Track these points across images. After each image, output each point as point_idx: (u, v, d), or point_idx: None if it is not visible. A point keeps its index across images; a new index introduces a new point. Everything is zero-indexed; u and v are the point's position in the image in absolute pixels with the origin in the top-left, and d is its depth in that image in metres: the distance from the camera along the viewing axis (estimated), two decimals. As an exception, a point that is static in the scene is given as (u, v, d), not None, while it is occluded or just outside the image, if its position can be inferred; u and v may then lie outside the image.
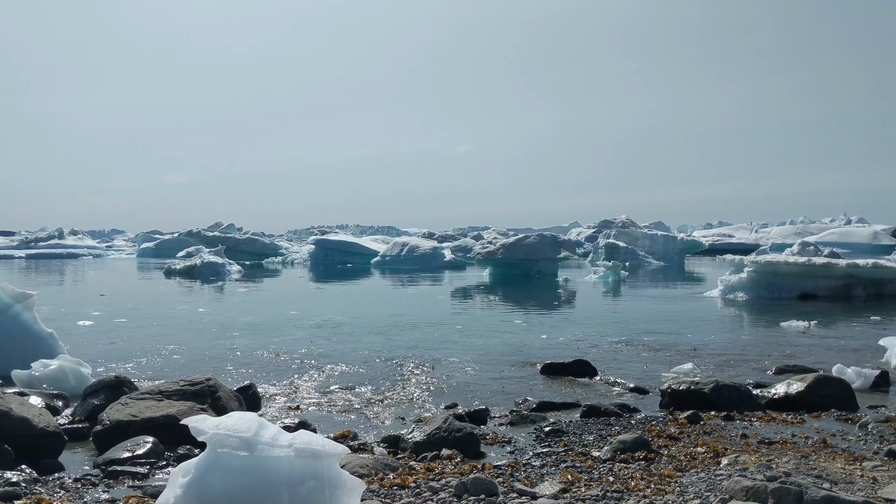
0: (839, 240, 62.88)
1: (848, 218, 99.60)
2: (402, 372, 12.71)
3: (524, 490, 6.00)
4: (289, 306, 24.96)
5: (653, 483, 6.34)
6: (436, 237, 74.93)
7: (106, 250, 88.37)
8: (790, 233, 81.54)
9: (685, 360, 13.50)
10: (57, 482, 6.46)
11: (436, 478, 6.52)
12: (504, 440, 8.36)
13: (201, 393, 8.84)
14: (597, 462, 7.16)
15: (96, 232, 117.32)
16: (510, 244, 40.81)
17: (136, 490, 6.18)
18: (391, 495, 5.87)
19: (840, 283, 27.79)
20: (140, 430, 7.80)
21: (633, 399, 10.82)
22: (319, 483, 4.50)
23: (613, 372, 12.73)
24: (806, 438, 8.14)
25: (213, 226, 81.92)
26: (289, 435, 4.70)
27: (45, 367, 11.84)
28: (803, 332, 18.14)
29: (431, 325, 19.26)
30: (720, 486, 5.95)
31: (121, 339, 16.66)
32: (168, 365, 13.19)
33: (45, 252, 77.04)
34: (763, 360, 13.98)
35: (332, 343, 16.07)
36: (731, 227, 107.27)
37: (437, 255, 50.42)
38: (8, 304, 13.29)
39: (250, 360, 13.78)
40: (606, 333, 17.85)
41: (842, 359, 13.52)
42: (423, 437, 7.91)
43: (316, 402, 10.38)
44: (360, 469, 6.42)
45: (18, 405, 7.64)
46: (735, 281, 28.42)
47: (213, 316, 21.65)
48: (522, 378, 12.25)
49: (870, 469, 6.57)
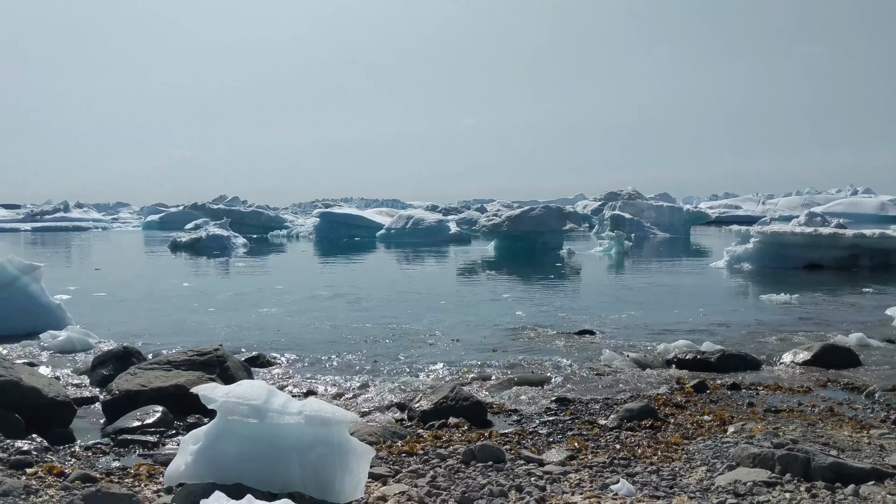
0: (846, 210, 62.67)
1: (854, 189, 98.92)
2: (410, 343, 12.74)
3: (531, 457, 6.03)
4: (295, 279, 25.04)
5: (660, 450, 6.37)
6: (440, 210, 74.63)
7: (111, 223, 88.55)
8: (797, 204, 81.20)
9: (688, 333, 13.49)
10: (68, 451, 6.51)
11: (444, 445, 6.56)
12: (511, 409, 8.39)
13: (210, 363, 8.87)
14: (604, 430, 7.19)
15: (101, 205, 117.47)
16: (515, 216, 40.63)
17: (146, 458, 6.23)
18: (400, 462, 5.91)
19: (846, 253, 27.71)
20: (149, 400, 7.85)
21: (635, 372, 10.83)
22: (329, 450, 4.53)
23: (617, 345, 12.73)
24: (813, 407, 8.16)
25: (218, 199, 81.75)
26: (298, 402, 4.71)
27: (54, 338, 11.92)
28: (805, 303, 18.11)
29: (437, 299, 19.29)
30: (727, 454, 5.97)
31: (127, 311, 16.73)
32: (175, 336, 13.23)
33: (51, 225, 77.21)
34: (768, 330, 13.97)
35: (340, 315, 16.10)
36: (738, 199, 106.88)
37: (442, 227, 50.25)
38: (15, 276, 13.35)
39: (257, 332, 13.83)
40: (608, 306, 17.86)
41: (848, 328, 13.51)
42: (431, 406, 7.94)
43: (323, 372, 10.41)
44: (368, 437, 6.46)
45: (28, 375, 7.69)
46: (741, 252, 28.34)
47: (219, 290, 21.74)
48: (523, 349, 12.28)
49: (877, 437, 6.59)
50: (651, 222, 54.62)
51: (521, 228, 40.09)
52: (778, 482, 5.16)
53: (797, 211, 57.53)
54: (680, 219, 56.43)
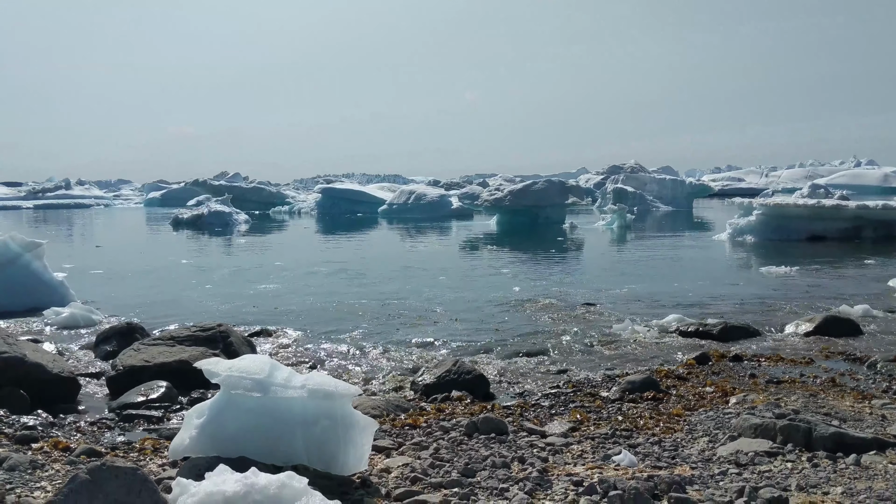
0: (849, 182, 62.35)
1: (858, 160, 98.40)
2: (412, 317, 12.77)
3: (534, 429, 6.06)
4: (296, 256, 25.06)
5: (661, 422, 6.39)
6: (442, 185, 74.34)
7: (113, 200, 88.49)
8: (800, 176, 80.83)
9: (690, 306, 13.50)
10: (73, 426, 6.55)
11: (446, 418, 6.59)
12: (513, 382, 8.42)
13: (213, 338, 8.90)
14: (605, 402, 7.22)
15: (103, 182, 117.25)
16: (518, 190, 40.50)
17: (151, 433, 6.27)
18: (403, 435, 5.94)
19: (849, 224, 27.65)
20: (153, 375, 7.89)
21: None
22: (332, 422, 4.54)
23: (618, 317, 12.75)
24: (814, 378, 8.17)
25: (219, 175, 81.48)
26: (301, 376, 4.73)
27: (57, 315, 11.96)
28: (808, 275, 18.09)
29: (439, 273, 19.31)
30: (729, 424, 6.00)
31: (129, 287, 16.76)
32: (177, 312, 13.27)
33: (53, 203, 77.15)
34: (771, 301, 13.97)
35: (343, 290, 16.13)
36: (741, 172, 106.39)
37: (444, 202, 50.11)
38: (18, 254, 13.37)
39: (260, 307, 13.86)
40: (610, 279, 17.86)
41: (851, 299, 13.50)
42: (434, 379, 7.98)
43: (326, 347, 10.45)
44: (371, 410, 6.49)
45: (32, 351, 7.72)
46: (744, 224, 28.29)
47: (221, 267, 21.77)
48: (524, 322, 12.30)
49: (879, 407, 6.60)
50: (654, 196, 54.45)
51: (524, 203, 39.98)
52: (779, 452, 5.19)
53: (800, 183, 57.29)
54: (683, 192, 56.25)
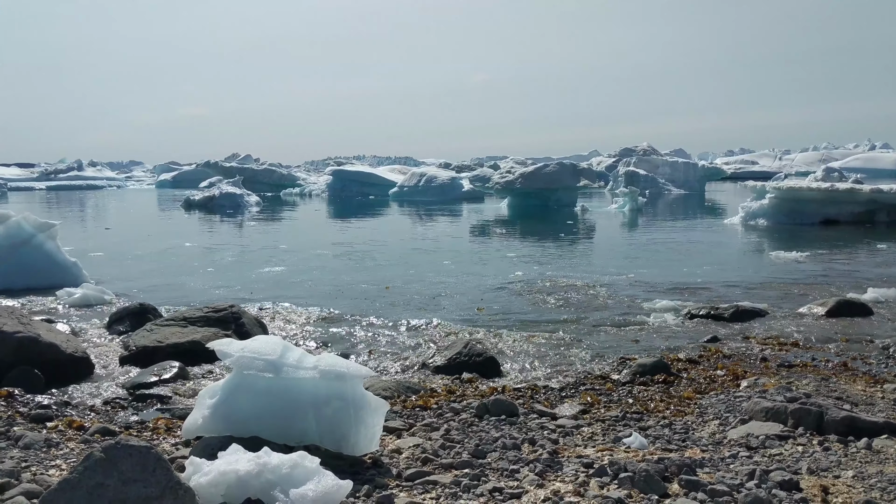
0: (863, 165, 61.88)
1: (872, 144, 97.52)
2: (424, 299, 12.79)
3: (544, 411, 6.07)
4: (308, 238, 25.12)
5: (672, 405, 6.40)
6: (453, 167, 74.11)
7: (125, 181, 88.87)
8: (814, 159, 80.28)
9: (701, 289, 13.46)
10: (87, 405, 6.61)
11: (457, 400, 6.61)
12: (524, 364, 8.43)
13: (225, 319, 8.96)
14: (616, 385, 7.22)
15: (115, 164, 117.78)
16: (529, 173, 40.32)
17: (164, 412, 6.32)
18: (414, 416, 5.97)
19: (863, 208, 27.43)
20: (166, 356, 7.95)
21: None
22: (344, 403, 4.57)
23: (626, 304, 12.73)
24: (826, 362, 8.15)
25: (231, 157, 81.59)
26: (313, 357, 4.75)
27: (70, 295, 12.05)
28: (821, 259, 17.98)
29: (450, 256, 19.31)
30: (740, 408, 5.99)
31: (141, 268, 16.84)
32: (189, 294, 13.34)
33: (65, 184, 77.54)
34: (783, 285, 13.90)
35: (355, 272, 16.17)
36: (754, 155, 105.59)
37: (455, 185, 49.98)
38: (31, 234, 13.45)
39: (272, 288, 13.91)
40: (621, 262, 17.82)
41: (864, 283, 13.43)
42: (445, 361, 8.00)
43: (337, 328, 10.48)
44: (382, 391, 6.52)
45: (46, 331, 7.79)
46: (756, 207, 28.11)
47: (233, 248, 21.84)
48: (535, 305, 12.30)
49: (891, 391, 6.58)
50: (666, 178, 54.13)
51: (535, 185, 39.82)
52: (790, 435, 5.18)
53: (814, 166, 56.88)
54: (695, 175, 55.88)
